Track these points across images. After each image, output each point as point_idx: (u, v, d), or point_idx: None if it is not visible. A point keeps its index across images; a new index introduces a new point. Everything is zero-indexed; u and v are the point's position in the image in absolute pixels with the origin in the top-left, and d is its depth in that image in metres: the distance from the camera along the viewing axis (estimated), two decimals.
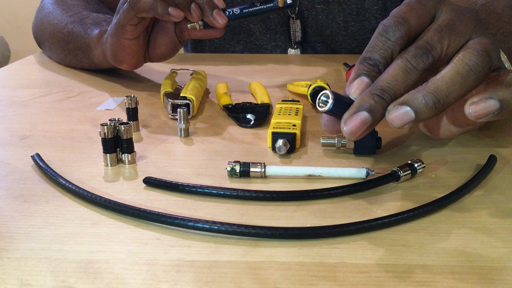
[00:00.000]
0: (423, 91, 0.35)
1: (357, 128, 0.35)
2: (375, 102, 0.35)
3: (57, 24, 0.78)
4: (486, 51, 0.35)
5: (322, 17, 0.87)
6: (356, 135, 0.36)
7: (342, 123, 0.36)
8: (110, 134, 0.44)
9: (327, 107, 0.36)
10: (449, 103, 0.35)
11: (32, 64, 0.87)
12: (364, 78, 0.37)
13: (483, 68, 0.35)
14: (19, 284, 0.29)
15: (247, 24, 0.89)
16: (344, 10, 0.87)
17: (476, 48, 0.35)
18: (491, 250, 0.32)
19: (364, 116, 0.35)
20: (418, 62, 0.36)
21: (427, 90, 0.35)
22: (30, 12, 2.58)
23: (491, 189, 0.40)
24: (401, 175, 0.41)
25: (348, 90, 0.37)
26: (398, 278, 0.30)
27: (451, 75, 0.35)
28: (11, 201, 0.39)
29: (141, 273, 0.30)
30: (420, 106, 0.34)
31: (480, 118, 0.35)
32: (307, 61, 0.87)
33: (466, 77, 0.35)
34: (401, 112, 0.35)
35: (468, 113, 0.35)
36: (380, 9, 0.87)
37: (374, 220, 0.35)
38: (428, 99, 0.34)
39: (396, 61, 0.37)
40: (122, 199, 0.38)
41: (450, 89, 0.35)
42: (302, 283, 0.29)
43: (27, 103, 0.63)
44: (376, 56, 0.37)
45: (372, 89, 0.36)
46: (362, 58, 0.38)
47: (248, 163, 0.42)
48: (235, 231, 0.33)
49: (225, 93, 0.63)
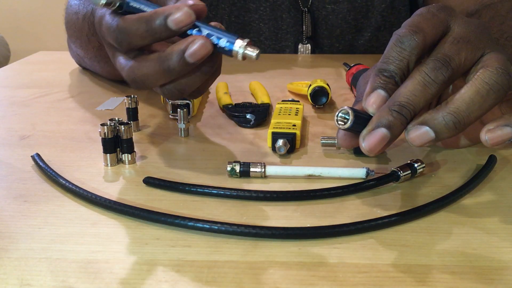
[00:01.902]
0: (443, 112, 0.34)
1: (376, 145, 0.35)
2: (393, 118, 0.35)
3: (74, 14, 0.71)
4: (505, 69, 0.35)
5: (332, 16, 0.88)
6: (375, 151, 0.35)
7: (361, 139, 0.35)
8: (110, 134, 0.44)
9: (347, 125, 0.35)
10: (469, 123, 0.34)
11: (32, 64, 0.87)
12: (380, 91, 0.36)
13: (503, 86, 0.34)
14: (19, 284, 0.29)
15: (258, 24, 0.90)
16: (354, 9, 0.88)
17: (495, 66, 0.35)
18: (491, 250, 0.32)
19: (382, 132, 0.34)
20: (438, 75, 0.35)
21: (447, 111, 0.34)
22: (30, 12, 2.60)
23: (491, 189, 0.40)
24: (401, 175, 0.41)
25: (365, 104, 0.37)
26: (398, 278, 0.30)
27: (471, 94, 0.34)
28: (11, 201, 0.39)
29: (141, 273, 0.30)
30: (440, 127, 0.34)
31: (496, 145, 0.34)
32: (307, 61, 0.87)
33: (486, 97, 0.34)
34: (421, 132, 0.34)
35: (484, 140, 0.34)
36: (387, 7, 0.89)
37: (374, 220, 0.35)
38: (449, 120, 0.34)
39: (413, 74, 0.36)
40: (122, 199, 0.38)
41: (470, 109, 0.34)
42: (302, 283, 0.29)
43: (27, 103, 0.63)
44: (392, 67, 0.36)
45: (390, 105, 0.35)
46: (377, 70, 0.37)
47: (248, 163, 0.42)
48: (235, 231, 0.33)
49: (225, 93, 0.63)
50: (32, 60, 0.91)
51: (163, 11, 0.38)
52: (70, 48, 0.79)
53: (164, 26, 0.38)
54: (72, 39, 0.72)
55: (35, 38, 2.55)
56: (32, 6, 2.54)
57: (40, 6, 2.53)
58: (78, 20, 0.67)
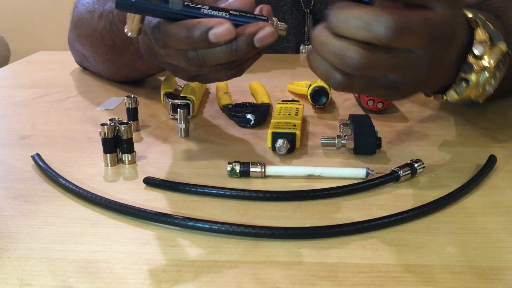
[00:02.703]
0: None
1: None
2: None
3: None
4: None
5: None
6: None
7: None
8: (110, 134, 0.44)
9: None
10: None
11: (32, 64, 0.87)
12: None
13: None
14: (19, 284, 0.29)
15: None
16: None
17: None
18: (491, 250, 0.32)
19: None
20: None
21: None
22: (30, 12, 2.59)
23: (491, 189, 0.40)
24: (401, 175, 0.41)
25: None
26: (398, 278, 0.30)
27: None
28: (11, 201, 0.39)
29: (141, 273, 0.30)
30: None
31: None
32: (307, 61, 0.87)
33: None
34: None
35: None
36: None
37: (374, 220, 0.35)
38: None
39: None
40: (122, 199, 0.38)
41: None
42: (302, 283, 0.29)
43: (27, 103, 0.63)
44: None
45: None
46: None
47: (248, 163, 0.42)
48: (235, 231, 0.33)
49: (225, 93, 0.63)
50: (32, 60, 0.91)
51: (206, 22, 0.39)
52: (73, 48, 0.78)
53: (204, 37, 0.39)
54: (80, 37, 0.72)
55: (35, 38, 2.55)
56: (32, 6, 2.54)
57: (40, 6, 2.53)
58: (92, 18, 0.67)
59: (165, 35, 0.40)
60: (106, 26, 0.64)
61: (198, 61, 0.41)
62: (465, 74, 0.43)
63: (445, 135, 0.52)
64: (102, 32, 0.65)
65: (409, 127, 0.54)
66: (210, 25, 0.38)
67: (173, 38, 0.40)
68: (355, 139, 0.46)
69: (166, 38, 0.40)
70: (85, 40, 0.70)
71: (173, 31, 0.39)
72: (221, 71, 0.44)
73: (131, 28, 0.42)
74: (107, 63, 0.69)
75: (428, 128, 0.54)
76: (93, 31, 0.67)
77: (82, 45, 0.72)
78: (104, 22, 0.64)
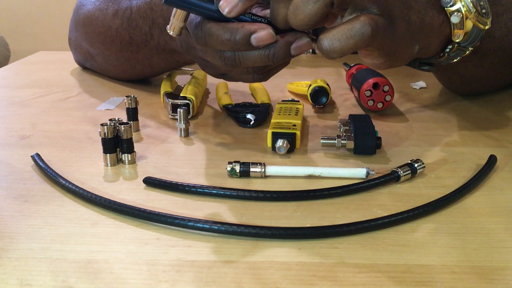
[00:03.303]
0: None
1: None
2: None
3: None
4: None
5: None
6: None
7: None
8: (110, 134, 0.44)
9: None
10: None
11: (32, 64, 0.87)
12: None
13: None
14: (19, 284, 0.29)
15: None
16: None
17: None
18: (491, 250, 0.32)
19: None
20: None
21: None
22: (30, 12, 2.59)
23: (491, 189, 0.40)
24: (401, 175, 0.41)
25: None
26: (398, 278, 0.30)
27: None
28: (11, 201, 0.39)
29: (141, 273, 0.30)
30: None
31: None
32: (307, 61, 0.87)
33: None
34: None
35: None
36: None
37: (374, 220, 0.35)
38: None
39: None
40: (122, 199, 0.38)
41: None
42: (302, 283, 0.29)
43: (27, 103, 0.63)
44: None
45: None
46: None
47: (248, 163, 0.42)
48: (235, 231, 0.33)
49: (225, 93, 0.63)
50: (32, 60, 0.91)
51: (250, 26, 0.39)
52: (76, 47, 0.78)
53: (246, 40, 0.39)
54: (89, 35, 0.72)
55: (35, 38, 2.55)
56: (32, 6, 2.54)
57: (40, 6, 2.53)
58: (106, 16, 0.67)
59: (208, 35, 0.40)
60: (124, 23, 0.64)
61: (234, 61, 0.41)
62: (449, 7, 0.45)
63: (445, 135, 0.52)
64: (118, 29, 0.65)
65: (409, 127, 0.54)
66: (253, 29, 0.39)
67: (216, 39, 0.40)
68: (355, 139, 0.46)
69: (208, 37, 0.40)
70: (95, 38, 0.70)
71: (217, 32, 0.40)
72: (251, 73, 0.45)
73: (174, 26, 0.42)
74: (121, 60, 0.69)
75: (428, 128, 0.54)
76: (106, 28, 0.67)
77: (90, 43, 0.72)
78: (121, 19, 0.65)
